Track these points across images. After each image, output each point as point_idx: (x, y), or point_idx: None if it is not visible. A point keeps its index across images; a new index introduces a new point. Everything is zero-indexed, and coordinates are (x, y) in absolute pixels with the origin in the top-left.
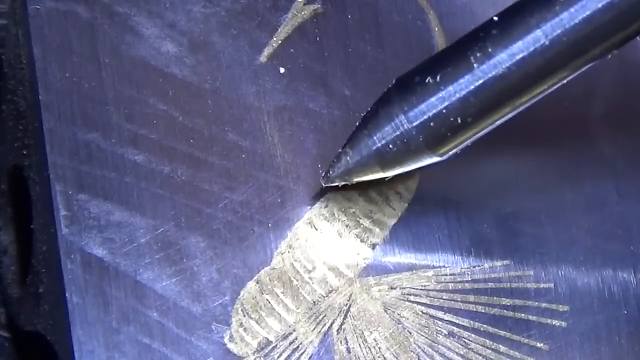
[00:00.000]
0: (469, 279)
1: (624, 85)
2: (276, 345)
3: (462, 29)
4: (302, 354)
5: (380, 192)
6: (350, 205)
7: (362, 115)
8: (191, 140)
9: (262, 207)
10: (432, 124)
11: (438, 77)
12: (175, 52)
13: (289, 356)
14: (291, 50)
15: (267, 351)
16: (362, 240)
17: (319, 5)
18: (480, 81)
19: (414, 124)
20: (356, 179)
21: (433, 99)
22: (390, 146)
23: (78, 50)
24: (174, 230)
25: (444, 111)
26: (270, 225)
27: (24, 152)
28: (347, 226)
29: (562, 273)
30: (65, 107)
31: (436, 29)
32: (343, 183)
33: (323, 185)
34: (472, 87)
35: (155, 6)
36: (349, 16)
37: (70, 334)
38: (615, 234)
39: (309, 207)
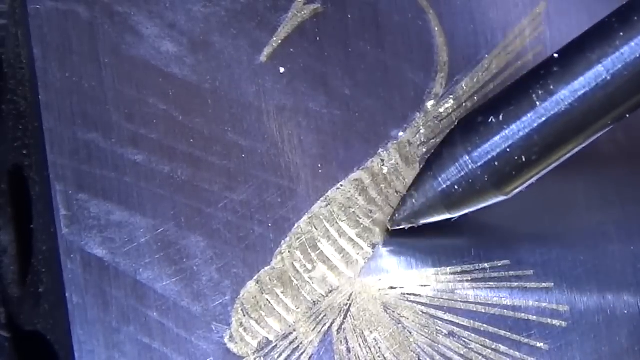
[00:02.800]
0: (469, 279)
1: None
2: (276, 345)
3: (462, 29)
4: (302, 353)
5: (380, 192)
6: (350, 205)
7: (427, 157)
8: (191, 140)
9: (262, 206)
10: (496, 163)
11: (501, 117)
12: (175, 51)
13: (289, 356)
14: (291, 50)
15: (267, 351)
16: (362, 240)
17: (319, 5)
18: (544, 119)
19: (479, 164)
20: (422, 221)
21: (497, 139)
22: (456, 187)
23: (78, 50)
24: (174, 230)
25: (508, 150)
26: (270, 225)
27: (24, 152)
28: (347, 226)
29: (562, 273)
30: (65, 107)
31: (436, 28)
32: (409, 225)
33: (389, 228)
34: (535, 125)
35: (156, 6)
36: (349, 16)
37: (71, 334)
38: (615, 234)
39: (309, 207)
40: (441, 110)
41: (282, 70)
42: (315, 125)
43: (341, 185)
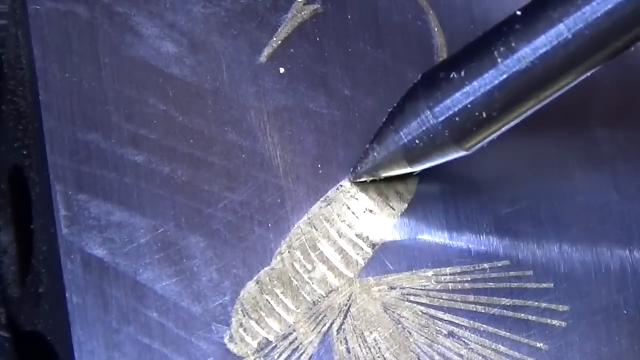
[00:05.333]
0: (469, 279)
1: (624, 85)
2: (276, 345)
3: (462, 29)
4: (302, 354)
5: (380, 192)
6: (349, 205)
7: (389, 110)
8: (191, 141)
9: (262, 207)
10: (457, 118)
11: (463, 72)
12: (175, 52)
13: (288, 356)
14: (291, 50)
15: (267, 351)
16: (362, 240)
17: (319, 5)
18: (505, 76)
19: (440, 119)
20: (384, 174)
21: (458, 94)
22: (417, 141)
23: (78, 51)
24: (174, 230)
25: (469, 106)
26: (270, 225)
27: (24, 152)
28: (347, 226)
29: (562, 273)
30: (65, 107)
31: (436, 29)
32: (371, 178)
33: (351, 180)
34: (496, 81)
35: (155, 6)
36: (349, 16)
37: (70, 334)
38: (615, 234)
39: (309, 207)
40: None
41: (282, 70)
42: (315, 126)
43: (341, 186)
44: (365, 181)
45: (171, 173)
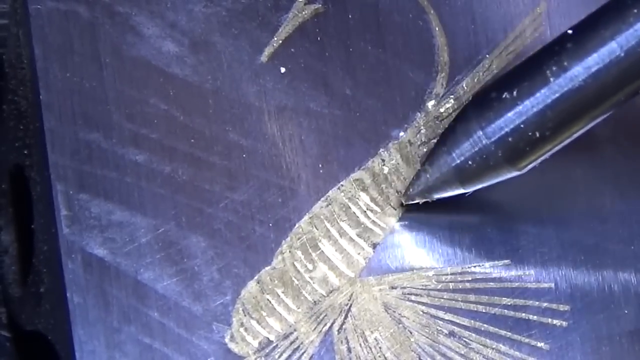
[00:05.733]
0: (470, 279)
1: None
2: (277, 345)
3: (463, 29)
4: (303, 353)
5: (381, 192)
6: (350, 205)
7: (440, 132)
8: (192, 140)
9: (263, 206)
10: (510, 139)
11: (515, 92)
12: (176, 51)
13: (289, 356)
14: (292, 50)
15: (268, 351)
16: (363, 240)
17: (320, 5)
18: (557, 95)
19: (492, 139)
20: (436, 196)
21: (510, 114)
22: (470, 162)
23: (79, 50)
24: (175, 230)
25: (521, 126)
26: (271, 225)
27: (25, 152)
28: (347, 226)
29: (563, 273)
30: (66, 107)
31: (437, 28)
32: (423, 200)
33: (404, 203)
34: (549, 100)
35: (156, 6)
36: (350, 16)
37: (71, 334)
38: (615, 234)
39: (310, 206)
40: (442, 110)
41: (283, 70)
42: (316, 125)
43: (342, 185)
44: (418, 203)
45: (172, 173)
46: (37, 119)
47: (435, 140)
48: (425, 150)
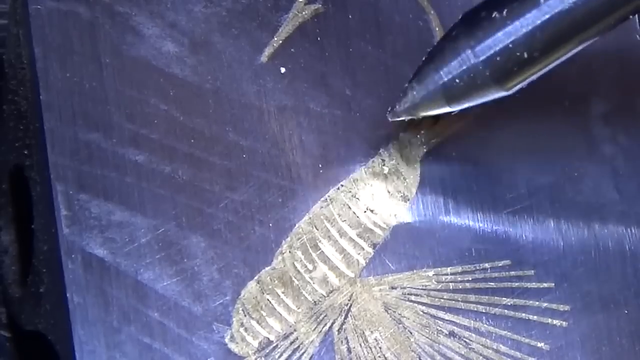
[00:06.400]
0: (470, 279)
1: (624, 85)
2: (277, 345)
3: None
4: (303, 353)
5: (381, 191)
6: (350, 205)
7: (428, 50)
8: (192, 140)
9: (263, 207)
10: (498, 58)
11: (505, 12)
12: (176, 52)
13: (289, 356)
14: (292, 50)
15: (268, 351)
16: (362, 240)
17: (320, 5)
18: (547, 16)
19: (481, 58)
20: (422, 114)
21: (500, 34)
22: (457, 80)
23: (79, 50)
24: (175, 230)
25: (510, 46)
26: (271, 225)
27: (25, 152)
28: (348, 226)
29: (563, 273)
30: (66, 107)
31: (437, 28)
32: (409, 118)
33: (390, 119)
34: (538, 22)
35: (156, 6)
36: (350, 16)
37: (71, 334)
38: (616, 234)
39: (310, 207)
40: None
41: (282, 70)
42: (316, 125)
43: (342, 185)
44: (404, 120)
45: (172, 173)
46: (37, 119)
47: (435, 141)
48: (425, 150)
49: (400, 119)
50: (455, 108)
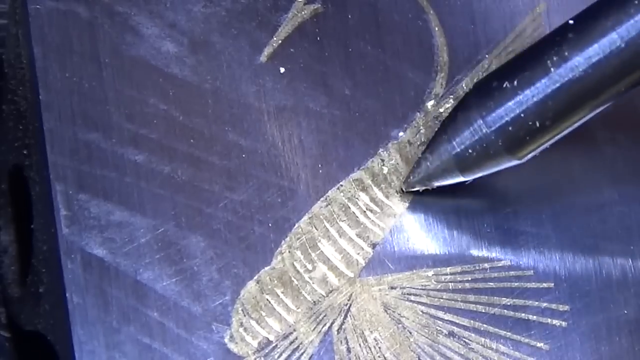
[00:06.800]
0: (469, 279)
1: None
2: (276, 345)
3: (463, 29)
4: (302, 353)
5: (381, 191)
6: (350, 205)
7: (442, 121)
8: (191, 140)
9: (263, 206)
10: (510, 128)
11: (515, 82)
12: (175, 52)
13: (289, 356)
14: (291, 50)
15: (267, 351)
16: (362, 240)
17: (319, 5)
18: (558, 84)
19: (493, 128)
20: (436, 184)
21: (511, 103)
22: (470, 151)
23: (78, 50)
24: (174, 230)
25: (522, 115)
26: (270, 225)
27: (25, 152)
28: (347, 226)
29: (563, 273)
30: (66, 107)
31: (436, 28)
32: (423, 188)
33: (404, 190)
34: (549, 90)
35: (156, 6)
36: (349, 16)
37: (71, 334)
38: (615, 234)
39: (310, 207)
40: (441, 110)
41: (282, 70)
42: (315, 125)
43: (341, 185)
44: (418, 190)
45: (171, 173)
46: (36, 119)
47: None
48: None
49: (415, 189)
50: (469, 177)
